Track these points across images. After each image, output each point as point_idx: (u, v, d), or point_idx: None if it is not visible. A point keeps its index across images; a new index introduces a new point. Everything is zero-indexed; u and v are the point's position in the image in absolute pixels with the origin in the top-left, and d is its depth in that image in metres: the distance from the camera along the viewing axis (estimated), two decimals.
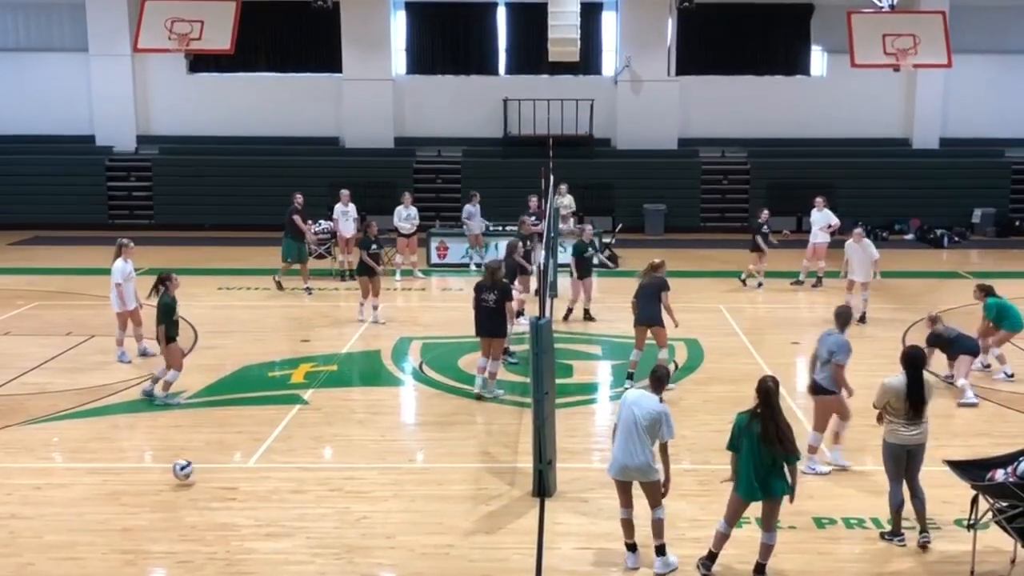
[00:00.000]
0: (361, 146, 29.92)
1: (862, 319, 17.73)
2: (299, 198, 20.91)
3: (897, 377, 9.01)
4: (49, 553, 9.00)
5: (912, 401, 8.86)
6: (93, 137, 30.36)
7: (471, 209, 22.68)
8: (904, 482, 8.99)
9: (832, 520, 9.67)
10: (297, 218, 20.40)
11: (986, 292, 14.69)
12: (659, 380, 8.85)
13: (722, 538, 8.53)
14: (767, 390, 8.25)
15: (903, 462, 8.95)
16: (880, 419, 9.17)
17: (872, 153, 29.77)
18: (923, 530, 9.01)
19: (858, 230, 18.43)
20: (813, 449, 10.82)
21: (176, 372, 13.12)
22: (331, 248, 22.27)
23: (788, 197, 27.55)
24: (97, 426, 12.43)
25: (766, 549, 8.46)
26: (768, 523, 8.41)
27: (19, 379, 14.34)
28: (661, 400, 8.71)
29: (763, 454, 8.17)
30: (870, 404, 13.03)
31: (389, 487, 10.51)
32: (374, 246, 17.76)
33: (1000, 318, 14.37)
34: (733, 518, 8.49)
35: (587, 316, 17.71)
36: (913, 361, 9.02)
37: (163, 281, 13.06)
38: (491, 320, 13.45)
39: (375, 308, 17.63)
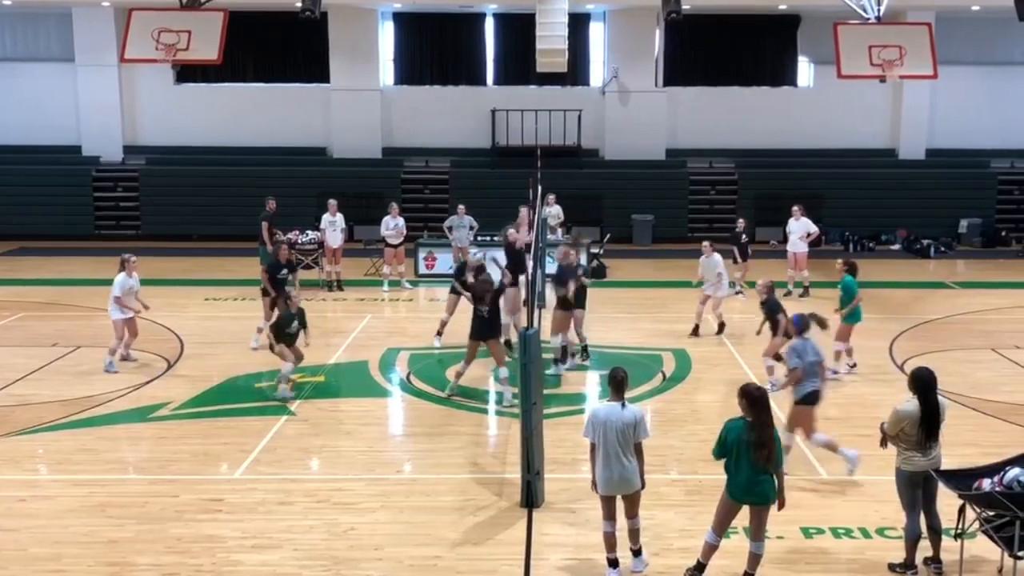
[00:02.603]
0: (349, 156, 29.91)
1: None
2: (271, 204, 21.22)
3: (910, 402, 8.60)
4: (34, 566, 8.94)
5: (928, 426, 8.52)
6: (80, 147, 30.30)
7: (455, 220, 22.35)
8: (920, 511, 8.72)
9: (820, 530, 9.67)
10: (264, 225, 20.81)
11: (850, 269, 14.80)
12: (619, 384, 8.74)
13: (710, 549, 8.52)
14: (758, 398, 8.24)
15: (920, 489, 8.65)
16: (884, 443, 8.80)
17: (859, 164, 29.89)
18: (936, 560, 8.76)
19: (706, 243, 18.27)
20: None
21: (289, 365, 13.97)
22: (318, 259, 22.22)
23: (776, 207, 27.58)
24: (82, 438, 12.36)
25: (754, 559, 8.45)
26: (757, 532, 8.40)
27: (4, 390, 14.26)
28: (624, 404, 8.63)
29: (755, 459, 8.18)
30: (847, 413, 13.21)
31: (377, 498, 10.47)
32: (284, 271, 16.54)
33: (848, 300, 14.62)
34: (721, 526, 8.47)
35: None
36: (924, 384, 8.60)
37: (284, 299, 14.30)
38: None
39: (259, 331, 16.40)
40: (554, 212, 23.44)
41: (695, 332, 17.59)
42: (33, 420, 12.93)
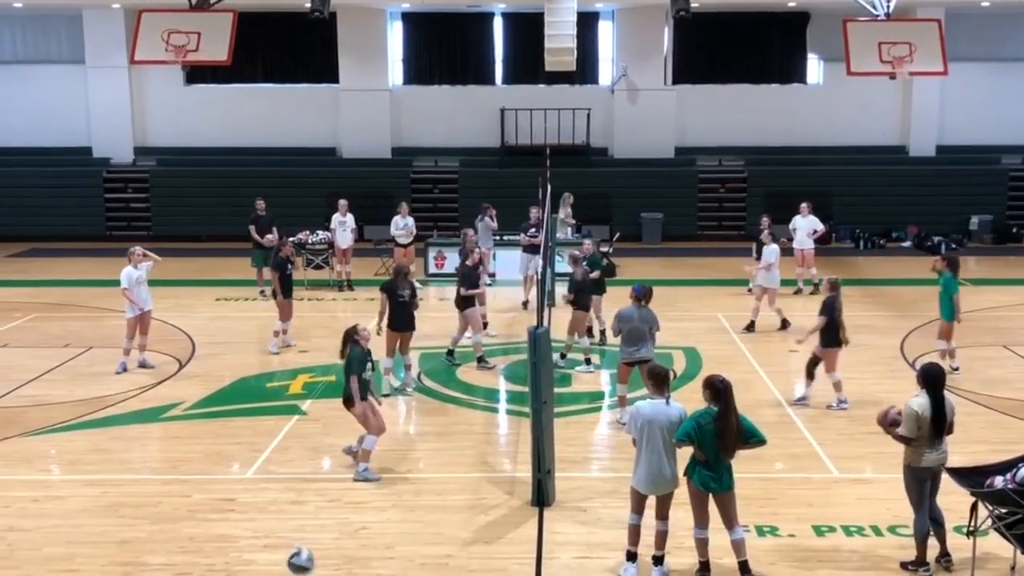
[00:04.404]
0: (358, 156, 29.94)
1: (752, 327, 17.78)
2: (259, 204, 21.25)
3: (918, 399, 8.55)
4: (47, 565, 8.98)
5: (937, 422, 8.48)
6: (90, 149, 30.37)
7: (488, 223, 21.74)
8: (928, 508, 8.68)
9: (832, 528, 9.65)
10: (251, 228, 20.80)
11: (950, 265, 14.67)
12: (662, 380, 8.72)
13: (704, 544, 8.55)
14: (723, 390, 8.29)
15: (927, 486, 8.62)
16: (901, 439, 8.63)
17: (869, 161, 29.80)
18: (945, 554, 8.75)
19: (765, 232, 18.37)
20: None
21: (372, 438, 11.13)
22: (328, 258, 22.25)
23: (785, 205, 27.44)
24: (95, 438, 12.42)
25: (739, 545, 8.46)
26: (730, 520, 8.44)
27: (17, 391, 14.33)
28: (668, 401, 8.66)
29: (719, 448, 8.29)
30: (859, 411, 13.13)
31: (388, 497, 10.50)
32: (290, 266, 16.67)
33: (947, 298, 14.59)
34: (702, 518, 8.49)
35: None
36: (934, 380, 8.57)
37: (351, 335, 11.24)
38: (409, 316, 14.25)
39: (284, 332, 16.71)
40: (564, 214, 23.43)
41: (752, 327, 17.72)
42: (46, 420, 12.99)
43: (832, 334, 13.17)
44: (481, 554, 9.19)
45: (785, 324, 17.71)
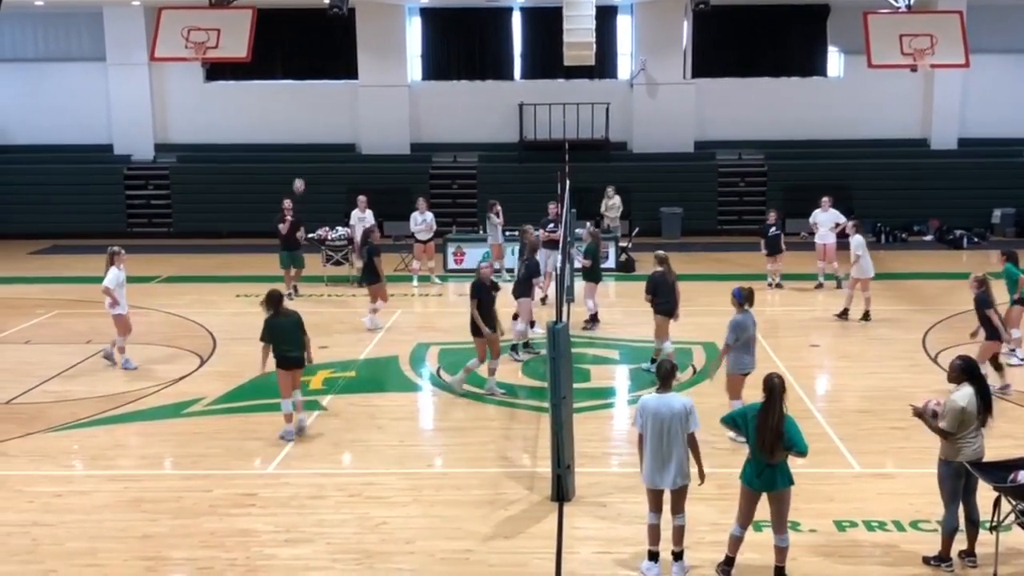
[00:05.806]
0: (377, 152, 29.99)
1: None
2: (286, 204, 20.93)
3: (961, 393, 8.49)
4: (71, 560, 9.05)
5: (982, 411, 8.43)
6: (111, 146, 30.55)
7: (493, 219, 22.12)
8: (959, 504, 8.58)
9: (853, 523, 9.61)
10: (282, 227, 20.57)
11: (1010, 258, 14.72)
12: (667, 375, 8.75)
13: (736, 542, 8.51)
14: (772, 387, 8.27)
15: (961, 483, 8.52)
16: (942, 432, 8.54)
17: (890, 154, 29.62)
18: (971, 553, 8.68)
19: (851, 224, 18.87)
20: None
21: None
22: (348, 255, 22.29)
23: (806, 199, 27.39)
24: (117, 433, 12.50)
25: (780, 552, 8.42)
26: (779, 524, 8.37)
27: (40, 387, 14.43)
28: (673, 395, 8.68)
29: (757, 443, 8.23)
30: (881, 406, 13.09)
31: (408, 492, 10.53)
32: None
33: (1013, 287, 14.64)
34: (744, 517, 8.45)
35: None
36: (975, 370, 8.61)
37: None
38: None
39: (375, 311, 17.92)
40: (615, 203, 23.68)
41: (845, 315, 18.07)
42: (68, 416, 13.08)
43: (991, 327, 13.36)
44: (501, 549, 9.20)
45: (867, 315, 17.90)
